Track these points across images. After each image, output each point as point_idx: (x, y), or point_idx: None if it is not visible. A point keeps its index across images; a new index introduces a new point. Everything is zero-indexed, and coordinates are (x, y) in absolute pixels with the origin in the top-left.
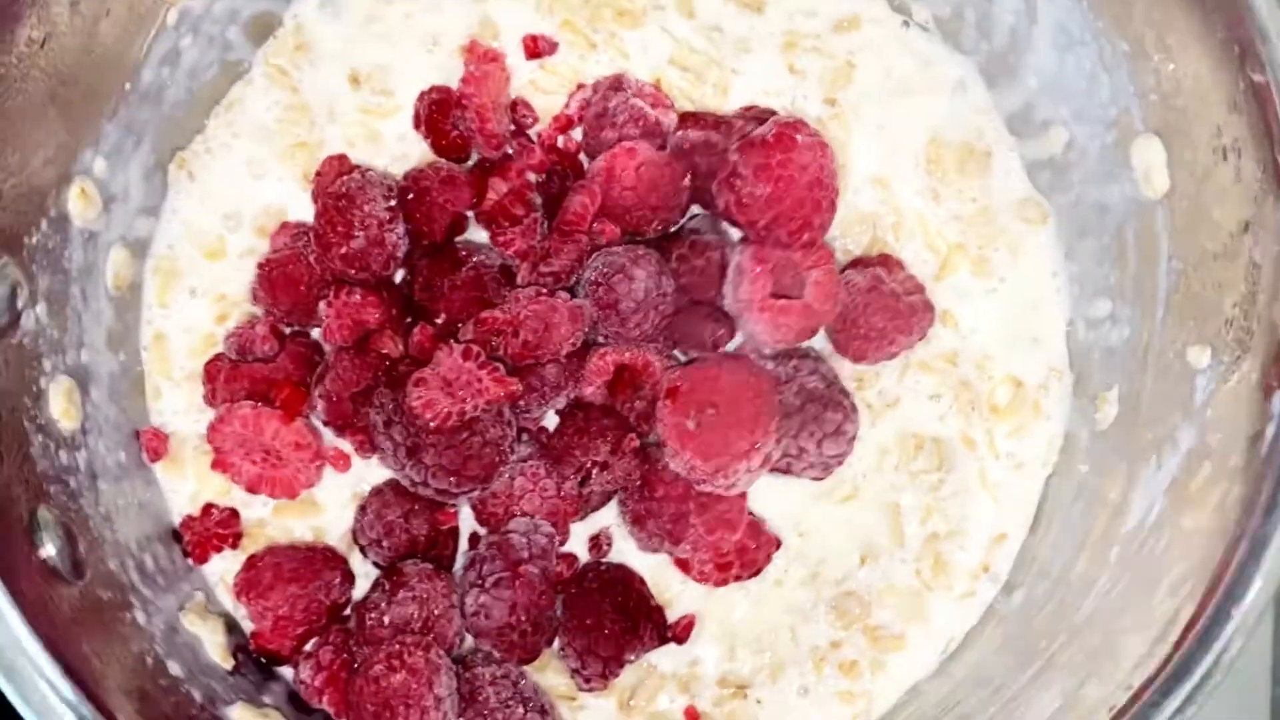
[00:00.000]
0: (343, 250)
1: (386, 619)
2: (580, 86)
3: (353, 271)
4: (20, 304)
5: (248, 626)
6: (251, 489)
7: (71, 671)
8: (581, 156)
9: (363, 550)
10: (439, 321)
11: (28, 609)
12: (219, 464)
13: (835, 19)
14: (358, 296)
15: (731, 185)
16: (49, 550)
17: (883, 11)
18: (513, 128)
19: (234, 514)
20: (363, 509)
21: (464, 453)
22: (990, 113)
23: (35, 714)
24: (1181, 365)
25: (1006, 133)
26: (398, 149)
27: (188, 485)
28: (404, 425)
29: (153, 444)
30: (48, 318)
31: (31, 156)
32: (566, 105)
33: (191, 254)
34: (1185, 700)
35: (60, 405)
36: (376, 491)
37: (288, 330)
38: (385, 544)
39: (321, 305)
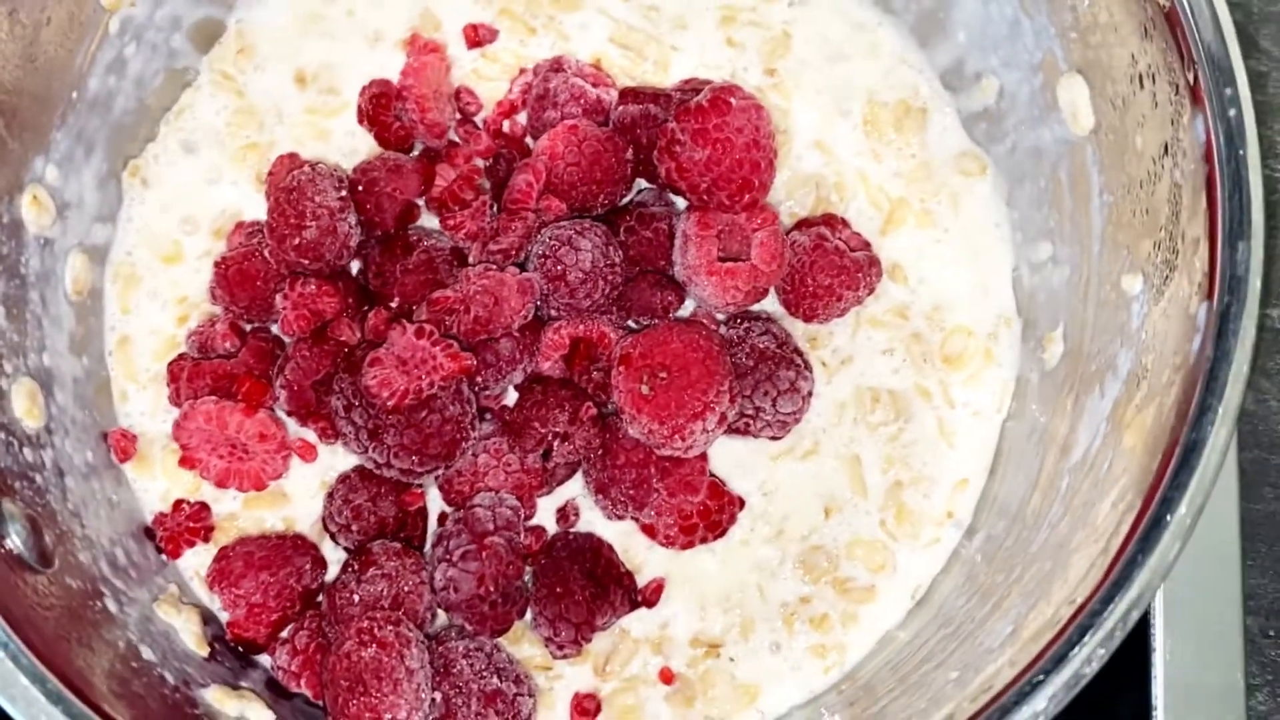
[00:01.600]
0: (296, 241)
1: (356, 597)
2: (522, 71)
3: (307, 262)
4: None
5: (224, 618)
6: (220, 483)
7: (35, 649)
8: (527, 139)
9: (333, 537)
10: (393, 305)
11: None
12: (186, 461)
13: None
14: (313, 287)
15: (671, 152)
16: (14, 540)
17: None
18: (458, 116)
19: (204, 508)
20: (330, 495)
21: (425, 431)
22: (924, 70)
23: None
24: (1118, 294)
25: (941, 88)
26: (347, 145)
27: (158, 483)
28: (364, 408)
29: (121, 444)
30: (6, 321)
31: None
32: (509, 90)
33: (150, 259)
34: (1129, 607)
35: (23, 405)
36: (343, 478)
37: (248, 327)
38: (354, 528)
39: (278, 298)
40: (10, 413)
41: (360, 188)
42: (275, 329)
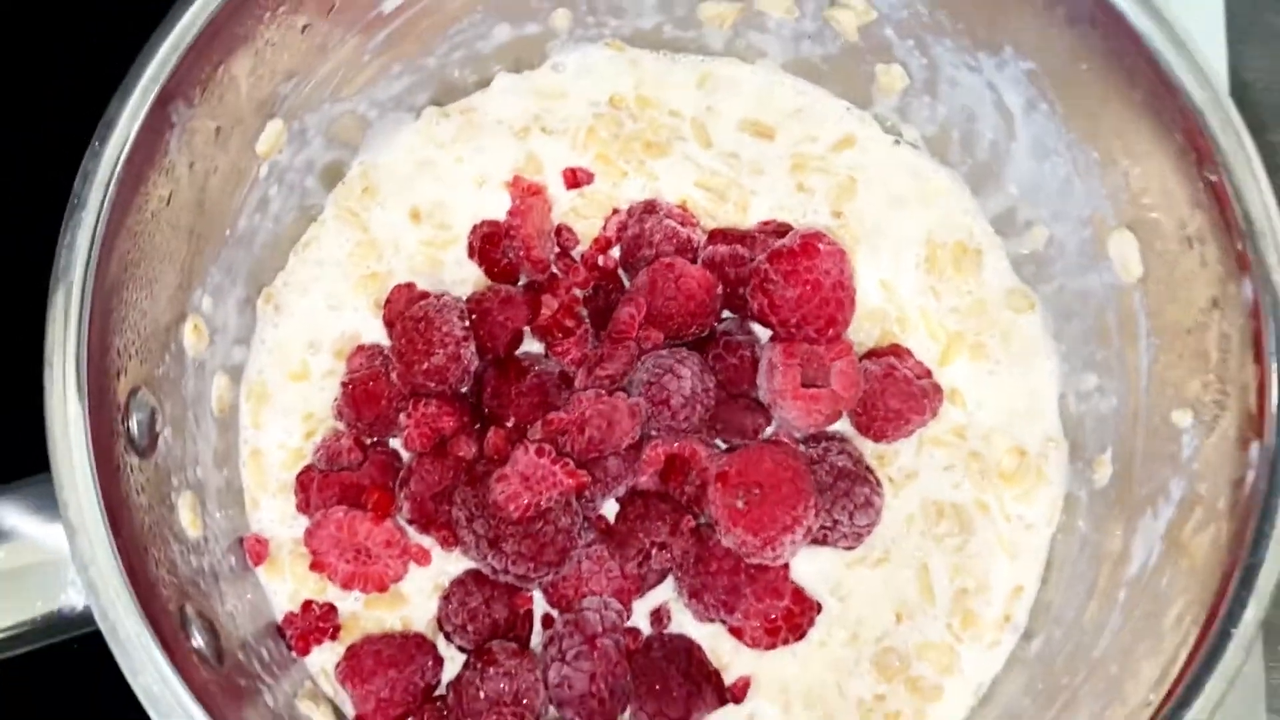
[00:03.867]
0: (424, 366)
1: (482, 694)
2: (615, 211)
3: (432, 384)
4: (158, 427)
5: (348, 710)
6: (346, 585)
7: None
8: (620, 272)
9: (448, 636)
10: (509, 425)
11: (195, 691)
12: (317, 565)
13: (835, 142)
14: (434, 407)
15: (764, 290)
16: (198, 641)
17: (876, 134)
18: (558, 250)
19: (332, 609)
20: (446, 598)
21: (540, 540)
22: (977, 216)
23: None
24: (1167, 427)
25: (993, 233)
26: (457, 274)
27: (287, 585)
28: (485, 519)
29: (255, 549)
30: (173, 439)
31: (159, 299)
32: (604, 228)
33: (279, 378)
34: (1202, 709)
35: (187, 516)
36: (458, 582)
37: (369, 441)
38: (470, 628)
39: (401, 416)
40: (179, 524)
41: (475, 316)
42: (394, 443)
